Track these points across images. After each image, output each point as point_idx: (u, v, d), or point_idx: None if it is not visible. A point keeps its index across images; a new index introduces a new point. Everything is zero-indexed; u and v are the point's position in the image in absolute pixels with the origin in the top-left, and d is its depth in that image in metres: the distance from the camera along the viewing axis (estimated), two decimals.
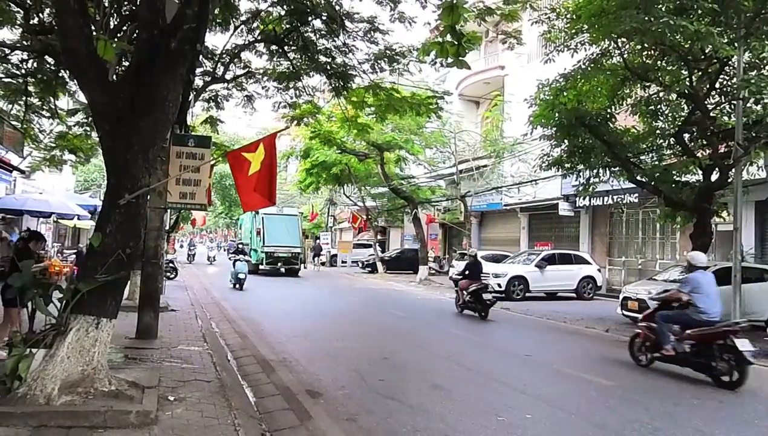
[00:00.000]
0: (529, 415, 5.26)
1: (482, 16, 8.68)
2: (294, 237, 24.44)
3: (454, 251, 26.54)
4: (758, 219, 14.57)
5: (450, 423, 4.91)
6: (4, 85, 10.21)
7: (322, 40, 9.95)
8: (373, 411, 5.19)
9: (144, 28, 5.26)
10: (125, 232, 4.80)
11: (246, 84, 11.95)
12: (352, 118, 12.86)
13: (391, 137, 22.67)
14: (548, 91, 10.90)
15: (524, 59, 21.50)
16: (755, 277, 11.14)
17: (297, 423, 4.87)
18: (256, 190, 5.38)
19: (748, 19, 8.67)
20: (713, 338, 6.72)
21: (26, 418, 4.05)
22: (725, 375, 6.58)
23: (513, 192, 21.54)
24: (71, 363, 4.46)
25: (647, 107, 11.21)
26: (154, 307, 7.92)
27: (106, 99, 4.95)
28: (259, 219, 24.09)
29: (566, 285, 17.12)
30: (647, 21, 8.20)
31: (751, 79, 8.30)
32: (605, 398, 5.97)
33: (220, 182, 39.63)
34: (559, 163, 11.90)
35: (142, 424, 4.19)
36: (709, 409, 5.77)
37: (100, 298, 4.65)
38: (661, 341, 7.17)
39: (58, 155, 14.49)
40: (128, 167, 4.85)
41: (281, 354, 7.62)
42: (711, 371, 6.72)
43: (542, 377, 7.13)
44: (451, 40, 3.66)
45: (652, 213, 17.43)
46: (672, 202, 10.95)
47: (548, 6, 10.76)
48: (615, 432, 4.84)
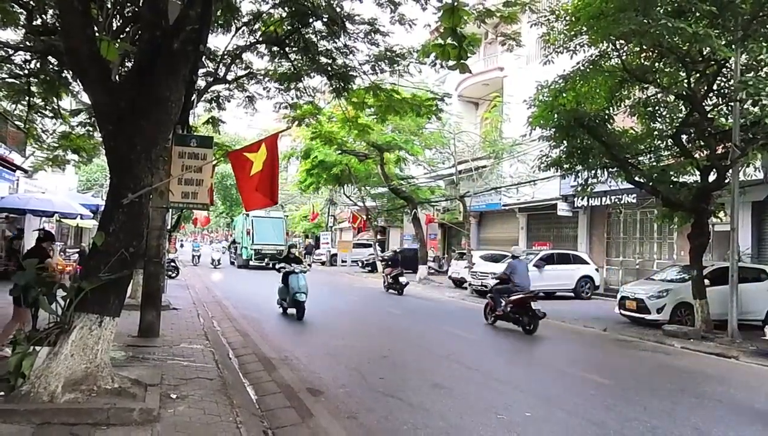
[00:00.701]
0: (529, 413, 5.31)
1: (482, 18, 8.72)
2: (279, 236, 28.31)
3: (453, 250, 26.63)
4: (755, 219, 14.64)
5: (450, 421, 4.96)
6: (8, 85, 10.26)
7: (323, 41, 10.01)
8: (373, 409, 5.24)
9: (147, 29, 5.31)
10: (128, 231, 4.84)
11: (247, 85, 12.01)
12: (352, 118, 12.90)
13: (391, 138, 22.73)
14: (547, 92, 10.94)
15: (523, 61, 21.55)
16: (752, 277, 11.21)
17: (298, 421, 4.91)
18: (258, 190, 5.43)
19: (746, 22, 8.73)
20: (522, 303, 10.08)
21: (30, 415, 4.07)
22: (527, 326, 9.94)
23: (512, 192, 21.60)
24: (75, 361, 4.50)
25: (645, 108, 11.26)
26: (156, 305, 7.97)
27: (109, 99, 4.99)
28: (249, 220, 27.57)
29: (564, 285, 17.18)
30: (646, 23, 8.26)
31: (748, 81, 8.36)
32: (604, 397, 6.02)
33: (221, 182, 39.71)
34: (557, 163, 11.95)
35: (144, 421, 4.22)
36: (707, 408, 5.82)
37: (104, 296, 4.69)
38: (496, 305, 10.70)
39: (61, 155, 14.56)
40: (131, 167, 4.88)
41: (282, 352, 7.67)
42: (520, 323, 10.07)
43: (541, 375, 7.19)
44: (452, 42, 3.68)
45: (649, 213, 17.51)
46: (670, 203, 11.01)
47: (547, 8, 10.80)
48: (614, 430, 4.89)
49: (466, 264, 19.32)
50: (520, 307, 10.06)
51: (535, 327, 9.84)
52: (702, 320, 10.07)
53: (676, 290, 11.26)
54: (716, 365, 8.20)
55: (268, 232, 27.80)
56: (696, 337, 9.70)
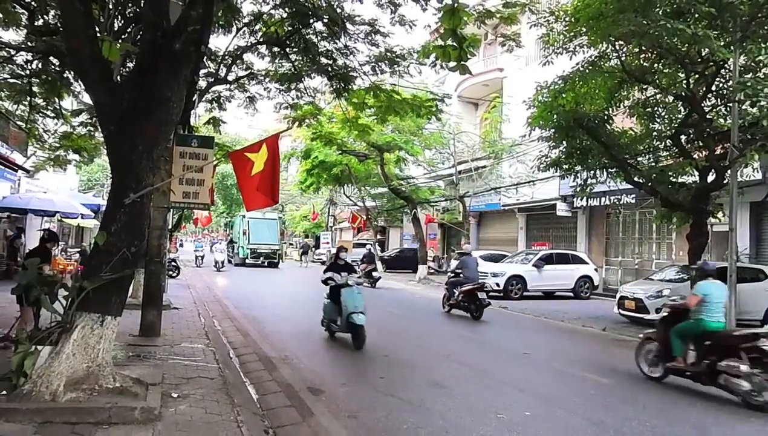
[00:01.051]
0: (528, 412, 5.33)
1: (482, 18, 8.75)
2: (273, 237, 30.48)
3: (453, 250, 26.67)
4: (753, 220, 14.68)
5: (450, 420, 4.98)
6: (10, 85, 10.28)
7: (324, 42, 10.03)
8: (373, 408, 5.26)
9: (148, 30, 5.32)
10: (130, 231, 4.86)
11: (248, 85, 12.04)
12: (352, 119, 12.91)
13: (391, 138, 22.77)
14: (547, 93, 10.98)
15: (523, 62, 21.59)
16: (750, 277, 11.25)
17: (299, 420, 4.92)
18: (259, 190, 5.44)
19: (744, 23, 8.75)
20: (471, 293, 11.72)
21: (32, 414, 4.08)
22: (474, 313, 11.56)
23: (511, 193, 21.64)
24: (76, 360, 4.51)
25: (644, 109, 11.30)
26: (157, 305, 7.98)
27: (111, 99, 4.99)
28: (246, 222, 29.65)
29: (564, 284, 17.23)
30: (645, 24, 8.29)
31: (747, 82, 8.37)
32: (603, 396, 6.05)
33: (221, 182, 39.76)
34: (557, 164, 11.99)
35: (146, 420, 4.23)
36: (705, 406, 5.84)
37: (105, 296, 4.71)
38: (450, 295, 12.51)
39: (62, 155, 14.58)
40: (133, 167, 4.90)
41: (283, 351, 7.69)
42: (468, 311, 11.68)
43: (541, 375, 7.21)
44: (452, 44, 3.70)
45: (648, 214, 17.54)
46: (668, 203, 11.03)
47: (547, 9, 10.83)
48: (613, 429, 4.91)
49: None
50: (469, 296, 11.78)
51: (481, 314, 11.64)
52: None
53: (674, 290, 11.29)
54: None
55: (263, 232, 29.64)
56: None
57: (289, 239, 50.13)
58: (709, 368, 6.05)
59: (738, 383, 5.78)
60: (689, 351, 6.38)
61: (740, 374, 5.75)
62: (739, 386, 5.76)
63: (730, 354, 5.92)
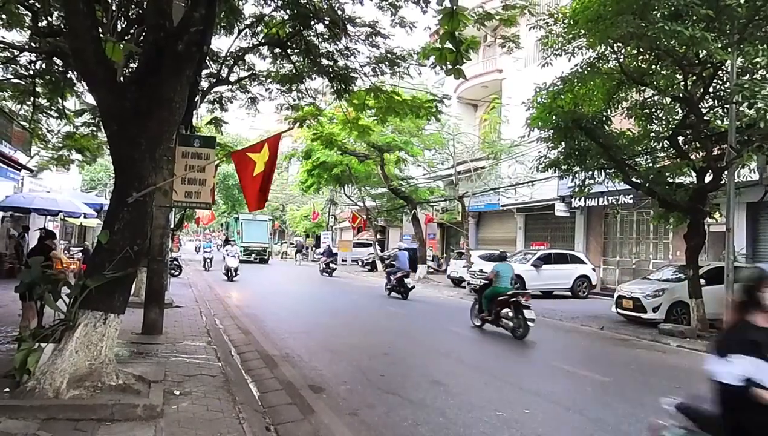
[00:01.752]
0: (527, 410, 5.38)
1: (481, 20, 8.80)
2: (264, 236, 34.69)
3: (452, 250, 26.74)
4: (750, 220, 14.75)
5: (450, 417, 5.03)
6: (13, 85, 10.34)
7: (325, 43, 10.09)
8: (374, 406, 5.31)
9: (151, 31, 5.35)
10: (133, 229, 4.89)
11: (250, 86, 12.11)
12: (353, 120, 12.97)
13: (391, 139, 22.82)
14: (545, 94, 11.03)
15: (522, 63, 21.65)
16: None
17: (300, 417, 4.97)
18: (260, 190, 5.49)
19: (742, 25, 8.82)
20: (401, 279, 15.60)
21: (35, 411, 4.10)
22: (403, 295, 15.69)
23: (510, 193, 21.69)
24: (79, 357, 4.54)
25: (642, 110, 11.35)
26: (159, 303, 8.03)
27: (114, 100, 5.03)
28: (240, 223, 34.67)
29: (562, 284, 17.30)
30: (643, 26, 8.35)
31: (744, 84, 8.42)
32: (601, 394, 6.10)
33: (223, 182, 39.76)
34: (555, 164, 12.04)
35: (148, 417, 4.26)
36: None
37: (108, 294, 4.74)
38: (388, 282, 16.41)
39: (65, 155, 14.64)
40: (135, 166, 4.93)
41: (284, 350, 7.74)
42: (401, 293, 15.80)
43: (540, 373, 7.27)
44: (449, 47, 3.71)
45: (646, 214, 17.60)
46: (666, 204, 11.09)
47: (546, 11, 10.90)
48: (611, 427, 4.97)
49: (465, 263, 19.42)
50: (400, 282, 15.69)
51: (407, 295, 15.49)
52: (697, 319, 10.16)
53: (672, 289, 11.36)
54: None
55: (255, 232, 33.75)
56: (691, 336, 9.80)
57: (289, 239, 50.34)
58: (497, 315, 9.73)
59: (506, 323, 9.52)
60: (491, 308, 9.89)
61: (508, 317, 9.50)
62: (508, 325, 9.48)
63: (506, 306, 9.58)
